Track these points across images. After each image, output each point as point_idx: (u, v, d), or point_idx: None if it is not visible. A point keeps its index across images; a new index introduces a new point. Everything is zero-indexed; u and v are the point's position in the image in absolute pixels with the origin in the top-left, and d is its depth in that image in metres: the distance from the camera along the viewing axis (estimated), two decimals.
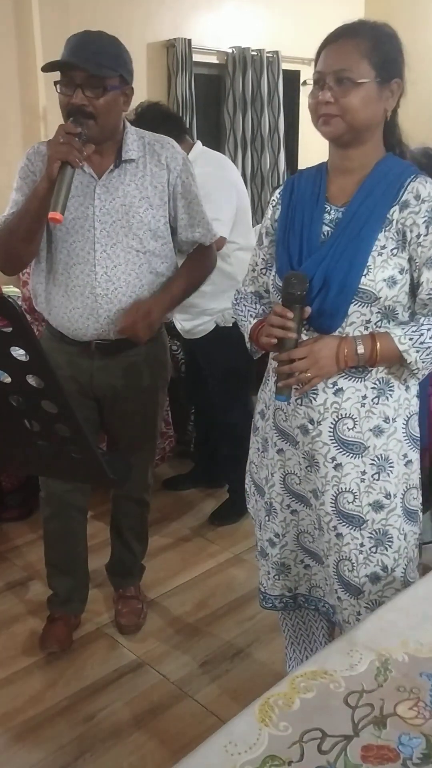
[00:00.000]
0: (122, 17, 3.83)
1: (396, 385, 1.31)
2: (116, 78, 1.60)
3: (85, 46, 1.57)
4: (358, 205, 1.27)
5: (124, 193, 1.70)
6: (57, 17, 3.51)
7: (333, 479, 1.33)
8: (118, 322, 1.73)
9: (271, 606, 1.56)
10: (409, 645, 0.99)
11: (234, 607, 2.22)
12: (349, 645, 0.99)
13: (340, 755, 0.82)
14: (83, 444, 0.95)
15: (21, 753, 1.70)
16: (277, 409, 1.40)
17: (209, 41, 4.31)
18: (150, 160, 1.73)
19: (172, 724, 1.77)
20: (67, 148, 1.48)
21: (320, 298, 1.27)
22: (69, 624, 2.08)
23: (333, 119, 1.23)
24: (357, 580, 1.34)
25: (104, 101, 1.58)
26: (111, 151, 1.70)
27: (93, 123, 1.58)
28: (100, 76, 1.56)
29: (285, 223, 1.36)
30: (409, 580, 1.36)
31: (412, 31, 5.06)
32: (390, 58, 1.24)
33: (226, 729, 0.85)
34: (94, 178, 1.69)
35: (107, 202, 1.70)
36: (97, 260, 1.70)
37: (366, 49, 1.21)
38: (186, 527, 2.71)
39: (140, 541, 2.17)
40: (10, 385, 0.91)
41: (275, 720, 0.86)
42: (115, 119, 1.67)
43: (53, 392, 0.89)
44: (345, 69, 1.20)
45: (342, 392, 1.29)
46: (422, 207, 1.22)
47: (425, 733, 0.85)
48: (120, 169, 1.70)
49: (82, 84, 1.55)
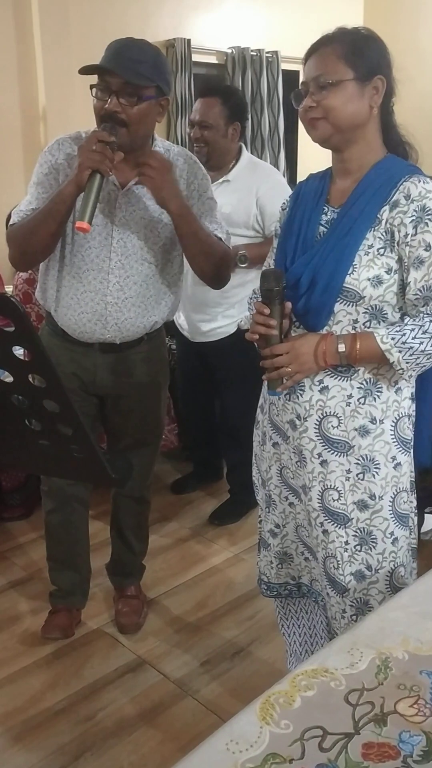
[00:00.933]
0: (122, 17, 3.83)
1: (385, 387, 1.31)
2: (153, 88, 1.58)
3: (125, 52, 1.55)
4: (351, 205, 1.28)
5: (145, 206, 1.70)
6: (56, 17, 3.51)
7: (319, 475, 1.35)
8: (124, 329, 1.76)
9: (275, 594, 1.58)
10: (410, 643, 0.99)
11: (234, 607, 2.22)
12: (349, 643, 1.00)
13: (341, 753, 0.82)
14: (85, 443, 0.95)
15: (21, 752, 1.70)
16: (271, 404, 1.43)
17: (209, 41, 4.32)
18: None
19: (173, 723, 1.77)
20: (99, 157, 1.47)
21: (306, 296, 1.28)
22: (71, 614, 2.09)
23: (319, 123, 1.26)
24: (342, 577, 1.36)
25: (138, 110, 1.56)
26: (136, 162, 1.65)
27: (125, 131, 1.56)
28: (137, 85, 1.54)
29: (286, 225, 1.39)
30: (398, 585, 1.35)
31: (412, 31, 5.08)
32: (368, 56, 1.25)
33: (227, 727, 0.86)
34: (117, 187, 1.68)
35: (128, 213, 1.70)
36: (112, 269, 1.71)
37: (342, 52, 1.24)
38: (186, 527, 2.71)
39: (140, 540, 2.17)
40: (12, 385, 0.91)
41: (276, 718, 0.86)
42: (148, 129, 1.66)
43: (55, 391, 0.90)
44: (323, 74, 1.24)
45: (327, 390, 1.31)
46: (411, 206, 1.22)
47: (426, 731, 0.85)
48: None
49: (117, 91, 1.54)
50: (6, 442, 1.03)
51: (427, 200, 1.21)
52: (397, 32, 5.10)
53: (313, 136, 1.29)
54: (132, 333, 1.79)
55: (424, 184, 1.23)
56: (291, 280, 1.31)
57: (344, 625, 1.37)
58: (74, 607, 2.11)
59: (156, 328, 1.87)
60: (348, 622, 1.36)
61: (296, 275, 1.30)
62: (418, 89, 5.09)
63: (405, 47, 5.23)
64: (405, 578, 1.37)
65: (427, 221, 1.21)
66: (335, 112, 1.24)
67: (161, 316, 1.84)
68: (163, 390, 1.98)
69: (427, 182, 1.24)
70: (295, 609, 1.65)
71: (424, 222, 1.21)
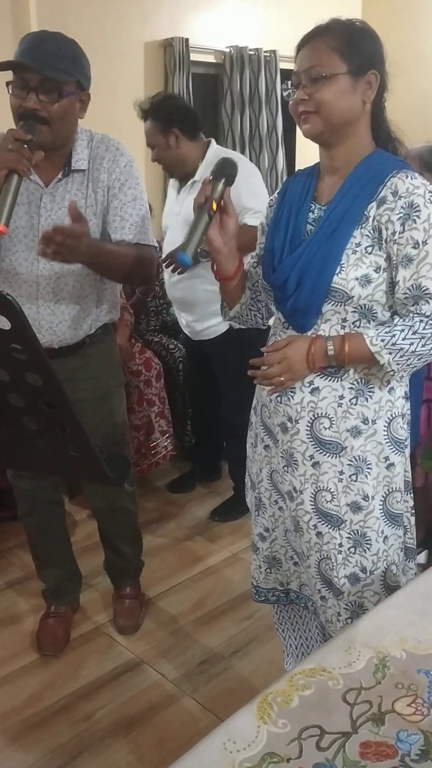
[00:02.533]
0: (119, 16, 3.82)
1: (377, 387, 1.29)
2: (73, 83, 1.52)
3: (41, 46, 1.48)
4: (338, 202, 1.26)
5: (69, 203, 1.59)
6: (54, 17, 3.51)
7: (311, 477, 1.33)
8: (59, 333, 1.69)
9: (263, 599, 1.56)
10: (408, 642, 0.99)
11: (232, 606, 2.22)
12: (347, 642, 1.00)
13: (338, 752, 0.82)
14: (82, 442, 0.95)
15: (19, 752, 1.69)
16: (263, 406, 1.41)
17: (207, 40, 4.31)
18: (94, 165, 1.66)
19: (171, 723, 1.77)
20: (15, 156, 1.37)
21: (294, 296, 1.27)
22: (65, 619, 2.09)
23: (311, 117, 1.23)
24: (337, 579, 1.35)
25: (59, 107, 1.51)
26: (60, 158, 1.62)
27: (47, 129, 1.50)
28: (56, 80, 1.48)
29: (273, 222, 1.37)
30: (390, 583, 1.34)
31: (410, 29, 5.08)
32: (362, 50, 1.22)
33: (224, 727, 0.86)
34: (40, 186, 1.62)
35: (53, 212, 1.63)
36: (41, 271, 1.64)
37: (336, 44, 1.21)
38: (184, 526, 2.71)
39: (131, 544, 2.14)
40: (9, 384, 0.91)
41: (274, 717, 0.86)
42: (70, 126, 1.60)
43: (52, 390, 0.89)
44: (316, 65, 1.21)
45: (318, 391, 1.29)
46: (398, 203, 1.19)
47: (423, 730, 0.85)
48: (68, 178, 1.64)
49: (36, 87, 1.47)
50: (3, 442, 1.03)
51: (414, 196, 1.18)
52: (395, 31, 5.09)
53: (304, 131, 1.26)
54: (69, 336, 1.72)
55: (411, 180, 1.20)
56: (279, 281, 1.30)
57: (339, 628, 1.36)
58: (67, 605, 2.11)
59: (98, 328, 1.79)
60: (343, 625, 1.35)
61: (284, 276, 1.28)
62: (417, 87, 5.09)
63: (404, 46, 5.23)
64: (397, 576, 1.36)
65: (414, 218, 1.18)
66: (327, 106, 1.21)
67: (100, 315, 1.77)
68: (117, 393, 1.90)
69: (415, 177, 1.20)
70: (290, 614, 1.64)
71: (411, 219, 1.18)
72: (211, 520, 2.73)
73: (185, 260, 1.24)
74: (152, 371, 2.85)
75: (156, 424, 2.82)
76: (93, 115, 1.71)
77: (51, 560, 2.08)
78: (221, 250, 1.33)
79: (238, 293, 1.43)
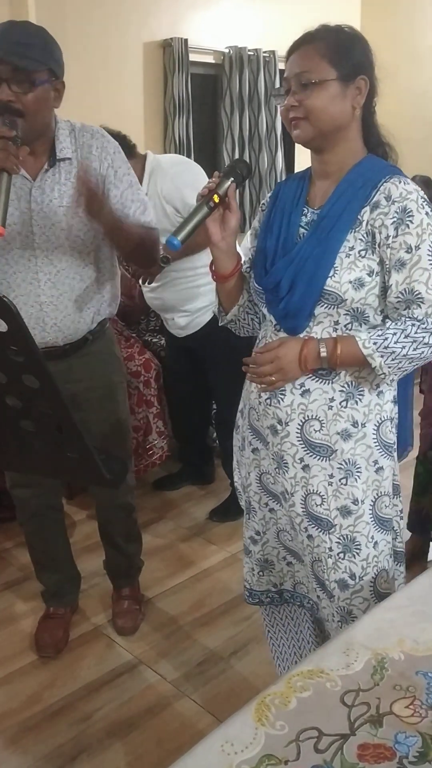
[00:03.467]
0: (118, 16, 3.82)
1: (366, 390, 1.29)
2: (44, 71, 1.49)
3: (8, 37, 1.46)
4: (331, 206, 1.26)
5: (60, 193, 1.62)
6: (53, 16, 3.50)
7: (302, 480, 1.33)
8: (65, 328, 1.68)
9: (257, 602, 1.56)
10: (406, 643, 0.99)
11: (230, 607, 2.22)
12: (345, 644, 0.99)
13: (336, 754, 0.82)
14: (79, 444, 0.95)
15: (18, 753, 1.69)
16: (251, 409, 1.40)
17: (206, 41, 4.31)
18: (81, 153, 1.64)
19: (169, 724, 1.77)
20: (3, 155, 1.34)
21: (287, 299, 1.27)
22: (64, 620, 2.09)
23: (301, 123, 1.24)
24: (328, 583, 1.35)
25: (33, 97, 1.48)
26: (43, 149, 1.61)
27: (22, 120, 1.46)
28: (27, 70, 1.45)
29: (265, 226, 1.37)
30: (380, 590, 1.34)
31: (409, 31, 5.08)
32: (351, 56, 1.22)
33: (222, 728, 0.85)
34: (28, 179, 1.60)
35: (44, 204, 1.61)
36: (39, 267, 1.63)
37: (325, 50, 1.21)
38: (182, 527, 2.71)
39: (132, 542, 2.15)
40: (6, 386, 0.91)
41: (272, 719, 0.86)
42: (46, 116, 1.57)
43: (49, 393, 0.89)
44: (305, 72, 1.21)
45: (309, 393, 1.29)
46: (392, 208, 1.20)
47: (421, 732, 0.85)
48: (55, 168, 1.62)
49: (7, 79, 1.45)
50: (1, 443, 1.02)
51: (408, 201, 1.19)
52: (394, 32, 5.10)
53: (295, 137, 1.27)
54: (74, 331, 1.72)
55: (404, 185, 1.21)
56: (271, 283, 1.29)
57: (335, 628, 1.37)
58: (66, 607, 2.11)
59: (99, 323, 1.79)
60: (337, 628, 1.36)
61: (276, 278, 1.28)
62: (415, 87, 5.10)
63: (402, 47, 5.24)
64: (388, 583, 1.35)
65: (408, 223, 1.19)
66: (317, 112, 1.22)
67: (102, 307, 1.77)
68: (121, 388, 1.90)
69: (408, 183, 1.22)
70: (281, 617, 1.63)
71: (405, 224, 1.19)
72: (209, 521, 2.73)
73: (174, 243, 1.22)
74: (152, 372, 2.85)
75: (154, 425, 2.82)
76: (93, 115, 1.71)
77: (50, 565, 2.08)
78: (219, 245, 1.33)
79: (235, 294, 1.43)
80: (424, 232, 1.19)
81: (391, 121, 1.35)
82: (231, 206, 1.30)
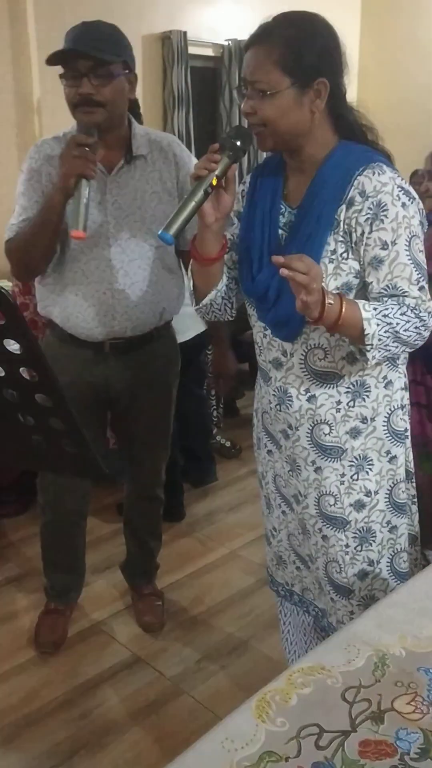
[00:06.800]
0: (117, 9, 3.79)
1: (372, 385, 1.28)
2: (120, 64, 1.57)
3: (86, 34, 1.54)
4: (308, 206, 1.21)
5: (134, 188, 1.69)
6: (51, 10, 3.49)
7: (314, 482, 1.33)
8: (134, 318, 1.73)
9: (276, 590, 1.58)
10: (407, 640, 0.98)
11: (230, 603, 2.21)
12: (346, 640, 0.99)
13: (337, 751, 0.81)
14: (77, 438, 0.93)
15: (15, 750, 1.68)
16: (264, 413, 1.40)
17: (205, 34, 4.29)
18: (158, 156, 1.71)
19: (169, 721, 1.76)
20: (82, 162, 1.46)
21: (275, 309, 1.24)
22: (64, 616, 2.08)
23: (259, 132, 1.19)
24: (346, 580, 1.35)
25: (111, 88, 1.56)
26: (118, 144, 1.67)
27: (102, 110, 1.56)
28: (106, 63, 1.53)
29: (246, 222, 1.32)
30: (399, 569, 1.35)
31: (409, 26, 5.06)
32: (307, 59, 1.14)
33: (222, 725, 0.85)
34: (104, 173, 1.66)
35: (120, 196, 1.68)
36: (113, 255, 1.68)
37: (278, 57, 1.14)
38: (182, 524, 2.70)
39: (155, 538, 2.17)
40: (4, 379, 0.89)
41: (272, 716, 0.85)
42: (123, 106, 1.65)
43: (47, 385, 0.88)
44: (257, 81, 1.16)
45: (315, 399, 1.28)
46: (365, 204, 1.15)
47: (423, 728, 0.84)
48: (130, 164, 1.68)
49: (87, 73, 1.53)
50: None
51: (382, 194, 1.14)
52: (395, 28, 5.08)
53: (257, 146, 1.22)
54: (142, 322, 1.75)
55: (378, 177, 1.15)
56: (259, 292, 1.27)
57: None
58: (67, 604, 2.10)
59: (165, 321, 1.83)
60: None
61: (263, 287, 1.25)
62: (417, 84, 5.07)
63: (403, 43, 5.22)
64: (407, 563, 1.36)
65: (382, 218, 1.14)
66: (273, 124, 1.17)
67: (169, 302, 1.80)
68: (173, 389, 1.96)
69: (383, 172, 1.16)
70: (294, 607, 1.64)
71: (379, 219, 1.14)
72: (208, 518, 2.72)
73: (166, 239, 1.15)
74: None
75: None
76: None
77: (62, 568, 2.08)
78: (211, 227, 1.23)
79: (217, 277, 1.34)
80: (400, 226, 1.15)
81: (393, 115, 1.33)
82: (229, 188, 1.21)
